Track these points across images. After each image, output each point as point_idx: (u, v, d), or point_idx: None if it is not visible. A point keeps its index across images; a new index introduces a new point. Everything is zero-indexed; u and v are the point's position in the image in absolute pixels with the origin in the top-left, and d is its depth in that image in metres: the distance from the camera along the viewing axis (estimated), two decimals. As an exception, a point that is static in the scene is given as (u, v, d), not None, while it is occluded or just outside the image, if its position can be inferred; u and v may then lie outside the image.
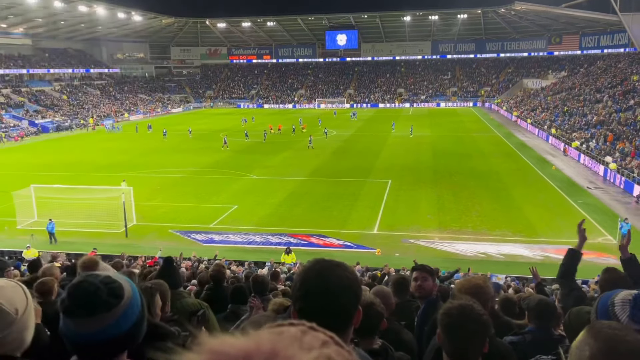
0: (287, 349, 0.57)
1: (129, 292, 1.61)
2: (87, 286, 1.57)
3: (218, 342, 0.58)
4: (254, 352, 0.56)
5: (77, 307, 1.53)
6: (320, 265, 1.55)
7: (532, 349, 3.12)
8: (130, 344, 1.63)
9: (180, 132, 58.09)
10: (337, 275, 1.49)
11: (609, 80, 60.11)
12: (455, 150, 44.27)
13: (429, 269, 4.12)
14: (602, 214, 25.89)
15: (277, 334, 0.60)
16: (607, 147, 38.62)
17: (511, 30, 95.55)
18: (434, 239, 22.91)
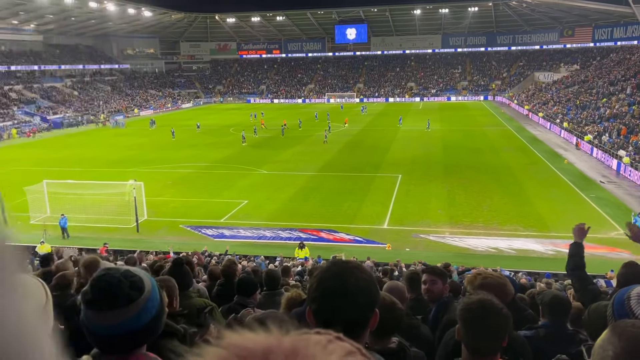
0: (309, 348, 0.57)
1: (149, 285, 1.63)
2: (109, 279, 1.59)
3: (239, 337, 0.58)
4: (274, 348, 0.56)
5: (100, 299, 1.56)
6: (338, 267, 1.54)
7: (546, 343, 3.10)
8: (150, 337, 1.66)
9: (190, 127, 58.31)
10: (355, 277, 1.48)
11: (622, 73, 59.32)
12: (465, 144, 44.01)
13: (439, 271, 4.09)
14: (615, 208, 25.63)
15: (300, 334, 0.60)
16: (620, 140, 38.17)
17: (522, 22, 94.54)
18: (445, 234, 22.83)
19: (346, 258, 17.99)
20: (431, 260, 16.75)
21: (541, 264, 18.85)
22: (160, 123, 63.02)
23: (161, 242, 21.99)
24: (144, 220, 24.97)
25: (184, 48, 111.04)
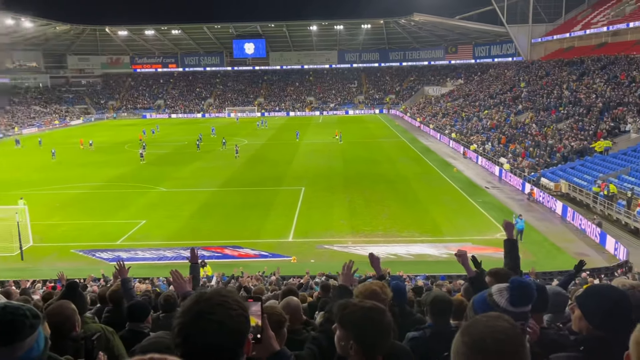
0: None
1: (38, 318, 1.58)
2: (12, 311, 1.51)
3: None
4: None
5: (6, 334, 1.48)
6: (199, 306, 1.44)
7: (432, 343, 3.30)
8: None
9: (80, 144, 54.76)
10: (220, 316, 1.42)
11: (500, 87, 64.98)
12: (364, 156, 45.62)
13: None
14: (499, 211, 27.86)
15: None
16: (501, 148, 41.67)
17: (412, 40, 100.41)
18: (348, 244, 23.42)
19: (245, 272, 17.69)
20: (335, 270, 17.10)
21: (436, 267, 19.97)
22: (46, 141, 58.52)
23: (50, 269, 20.34)
24: (29, 246, 22.99)
25: (71, 61, 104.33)
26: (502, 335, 1.39)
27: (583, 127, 37.83)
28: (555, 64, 61.67)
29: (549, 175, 32.36)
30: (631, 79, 43.01)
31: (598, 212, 26.16)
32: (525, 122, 45.94)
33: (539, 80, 58.46)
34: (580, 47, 64.90)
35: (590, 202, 27.40)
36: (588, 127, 37.38)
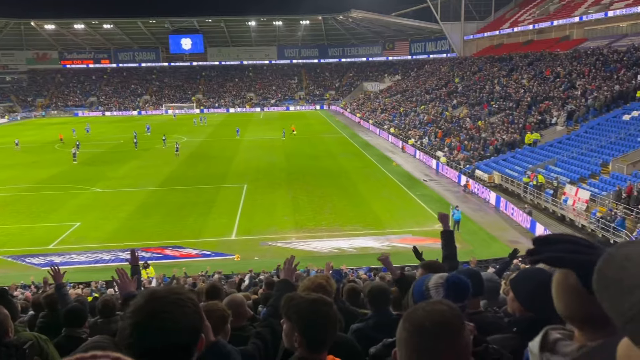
0: None
1: None
2: None
3: None
4: None
5: None
6: (153, 304, 1.41)
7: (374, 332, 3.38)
8: None
9: (5, 145, 51.67)
10: (175, 314, 1.39)
11: (435, 82, 66.98)
12: (306, 151, 45.77)
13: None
14: (437, 203, 28.78)
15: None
16: (437, 142, 43.00)
17: (350, 36, 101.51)
18: (291, 239, 23.47)
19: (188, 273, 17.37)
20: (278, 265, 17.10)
21: (379, 259, 20.38)
22: (-34, 142, 54.73)
23: (-25, 278, 19.10)
24: (-49, 255, 21.49)
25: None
26: (440, 318, 1.43)
27: (513, 120, 39.67)
28: (487, 60, 64.25)
29: (483, 167, 33.74)
30: (555, 74, 45.51)
31: (528, 201, 27.58)
32: (460, 117, 47.63)
33: (472, 76, 60.74)
34: (509, 44, 67.95)
35: (521, 192, 28.82)
36: (518, 120, 39.24)
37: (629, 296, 0.53)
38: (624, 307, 0.53)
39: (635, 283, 0.53)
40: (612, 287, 0.55)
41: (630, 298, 0.53)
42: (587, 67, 43.12)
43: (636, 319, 0.52)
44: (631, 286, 0.53)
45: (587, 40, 52.97)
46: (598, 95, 35.92)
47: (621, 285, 0.54)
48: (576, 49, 50.25)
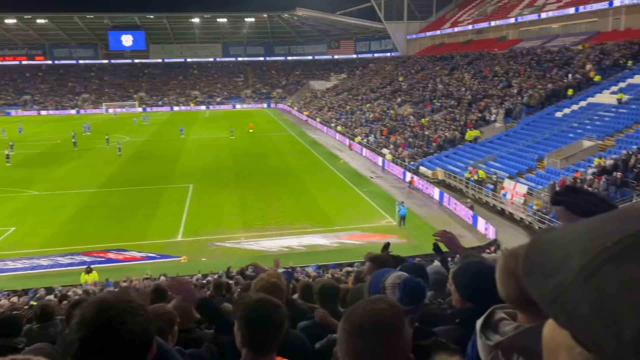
0: None
1: None
2: None
3: None
4: None
5: None
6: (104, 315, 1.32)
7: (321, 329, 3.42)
8: None
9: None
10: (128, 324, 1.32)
11: (380, 81, 68.10)
12: (253, 150, 45.43)
13: None
14: (383, 199, 29.31)
15: None
16: (383, 140, 43.77)
17: (295, 34, 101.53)
18: (240, 239, 23.27)
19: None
20: (226, 267, 16.91)
21: (328, 256, 20.57)
22: None
23: None
24: None
25: None
26: (380, 318, 1.43)
27: (455, 118, 40.95)
28: (429, 59, 65.96)
29: (427, 164, 34.65)
30: (494, 73, 47.33)
31: (470, 196, 28.56)
32: (404, 115, 48.67)
33: (415, 75, 62.18)
34: (450, 44, 70.02)
35: (463, 187, 29.82)
36: (459, 118, 40.55)
37: (550, 279, 0.55)
38: (546, 290, 0.55)
39: (556, 266, 0.55)
40: (536, 272, 0.57)
41: (552, 281, 0.55)
42: (522, 66, 45.09)
43: (558, 301, 0.53)
44: (553, 269, 0.55)
45: (522, 40, 55.38)
46: (533, 94, 37.66)
47: (543, 269, 0.56)
48: (512, 49, 52.43)
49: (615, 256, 0.51)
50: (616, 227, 0.54)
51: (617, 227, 0.53)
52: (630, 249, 0.51)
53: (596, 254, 0.52)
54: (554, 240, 0.58)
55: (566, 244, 0.56)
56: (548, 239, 0.59)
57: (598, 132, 28.63)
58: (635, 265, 0.50)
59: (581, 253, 0.53)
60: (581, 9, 45.34)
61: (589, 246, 0.53)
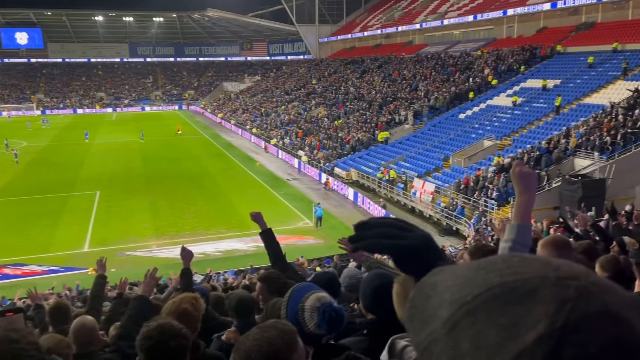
0: None
1: None
2: None
3: None
4: None
5: None
6: None
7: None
8: None
9: None
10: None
11: (294, 83, 68.53)
12: (165, 154, 43.95)
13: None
14: (300, 201, 29.54)
15: None
16: (298, 142, 44.09)
17: (207, 35, 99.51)
18: (152, 247, 22.45)
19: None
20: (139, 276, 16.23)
21: (245, 261, 20.38)
22: None
23: None
24: None
25: None
26: (268, 348, 1.40)
27: (367, 120, 42.16)
28: (341, 62, 67.37)
29: (341, 165, 35.38)
30: (402, 76, 49.29)
31: (382, 196, 29.54)
32: (319, 117, 49.35)
33: (328, 77, 63.22)
34: (360, 48, 71.96)
35: (376, 187, 30.78)
36: (371, 120, 41.79)
37: (426, 327, 0.53)
38: (421, 337, 0.53)
39: (431, 314, 0.53)
40: (416, 317, 0.55)
41: (426, 329, 0.52)
42: (428, 70, 47.36)
43: (427, 351, 0.51)
44: (429, 316, 0.53)
45: (428, 45, 58.17)
46: (438, 96, 39.67)
47: (422, 315, 0.54)
48: (418, 54, 54.91)
49: (472, 311, 0.49)
50: (482, 278, 0.52)
51: (482, 279, 0.51)
52: (486, 304, 0.49)
53: (458, 307, 0.50)
54: (437, 284, 0.56)
55: (444, 290, 0.54)
56: (433, 282, 0.57)
57: (497, 133, 30.74)
58: (487, 322, 0.48)
59: (449, 303, 0.51)
60: (479, 16, 48.44)
61: (456, 297, 0.51)
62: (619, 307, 0.49)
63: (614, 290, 0.52)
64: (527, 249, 1.60)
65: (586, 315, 0.48)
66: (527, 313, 0.48)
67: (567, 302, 0.48)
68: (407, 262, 1.11)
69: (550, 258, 0.54)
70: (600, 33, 37.94)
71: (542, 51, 39.24)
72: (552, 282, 0.50)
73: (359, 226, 1.13)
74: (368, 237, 1.11)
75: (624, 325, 0.48)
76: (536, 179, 1.61)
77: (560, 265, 0.53)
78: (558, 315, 0.47)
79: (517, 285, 0.50)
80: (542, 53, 39.19)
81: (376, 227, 1.13)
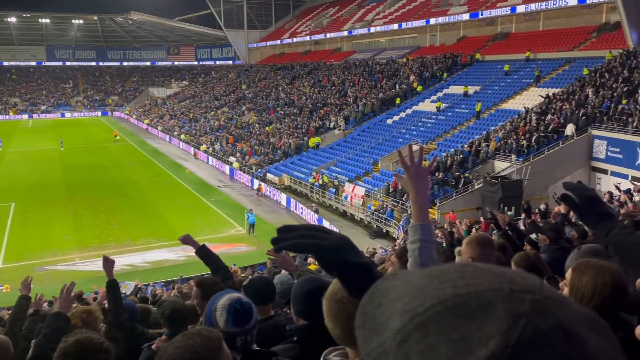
0: None
1: None
2: None
3: None
4: None
5: None
6: None
7: None
8: None
9: None
10: None
11: (224, 89, 67.67)
12: (88, 162, 41.91)
13: None
14: (232, 208, 29.16)
15: None
16: (229, 148, 43.54)
17: (131, 39, 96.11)
18: (75, 260, 21.34)
19: None
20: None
21: (175, 271, 19.82)
22: None
23: None
24: None
25: None
26: (192, 355, 1.37)
27: (298, 125, 42.37)
28: (271, 68, 67.32)
29: (273, 170, 35.32)
30: (332, 83, 50.01)
31: (315, 200, 29.79)
32: (250, 122, 49.01)
33: (258, 83, 62.97)
34: (290, 54, 72.27)
35: (308, 192, 30.98)
36: (302, 125, 42.04)
37: (376, 336, 0.51)
38: (371, 347, 0.51)
39: (382, 322, 0.51)
40: (367, 325, 0.53)
41: (376, 339, 0.51)
42: (356, 76, 48.36)
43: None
44: (380, 325, 0.51)
45: (356, 52, 59.43)
46: (367, 102, 40.60)
47: (373, 324, 0.52)
48: (346, 60, 55.96)
49: (424, 324, 0.48)
50: (435, 288, 0.50)
51: (435, 289, 0.50)
52: (438, 317, 0.48)
53: (409, 318, 0.49)
54: (389, 290, 0.54)
55: (396, 298, 0.52)
56: (385, 288, 0.55)
57: (422, 137, 31.90)
58: (439, 337, 0.46)
59: (400, 314, 0.50)
60: (404, 25, 50.15)
61: (408, 307, 0.50)
62: (572, 321, 0.49)
63: (566, 304, 0.51)
64: (433, 246, 1.71)
65: (540, 332, 0.47)
66: (480, 328, 0.46)
67: (521, 317, 0.47)
68: (327, 261, 1.23)
69: (503, 268, 0.53)
70: (514, 43, 40.44)
71: (463, 59, 41.21)
72: (506, 295, 0.49)
73: (282, 229, 1.22)
74: (290, 238, 1.19)
75: (576, 341, 0.47)
76: (429, 178, 1.71)
77: (513, 277, 0.52)
78: (511, 333, 0.46)
79: (470, 298, 0.48)
80: (462, 61, 41.15)
81: (298, 230, 1.22)
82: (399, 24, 50.77)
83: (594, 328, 0.50)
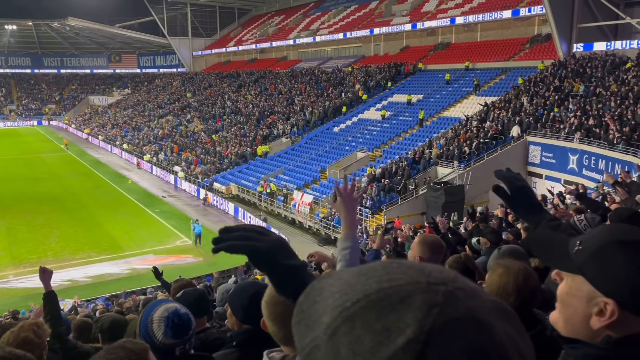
0: None
1: None
2: None
3: None
4: None
5: None
6: None
7: None
8: None
9: None
10: None
11: (168, 97, 66.28)
12: (22, 174, 39.89)
13: None
14: (177, 218, 28.53)
15: None
16: (174, 157, 42.63)
17: (69, 46, 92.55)
18: (9, 277, 20.24)
19: None
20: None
21: (118, 285, 19.16)
22: None
23: None
24: None
25: None
26: None
27: (245, 133, 42.06)
28: (217, 76, 66.59)
29: (220, 179, 34.87)
30: (278, 91, 50.02)
31: (263, 209, 29.61)
32: (195, 131, 48.20)
33: (203, 91, 62.09)
34: (235, 62, 71.76)
35: (257, 200, 30.77)
36: (249, 133, 41.76)
37: (310, 332, 0.54)
38: (305, 342, 0.54)
39: (316, 319, 0.54)
40: (302, 322, 0.56)
41: (310, 334, 0.53)
42: (303, 85, 48.61)
43: (312, 355, 0.52)
44: (314, 322, 0.54)
45: (302, 61, 59.74)
46: (314, 110, 40.87)
47: (308, 320, 0.55)
48: (293, 69, 56.16)
49: (351, 317, 0.51)
50: (362, 284, 0.53)
51: (362, 285, 0.53)
52: (363, 310, 0.51)
53: (338, 313, 0.52)
54: (324, 289, 0.56)
55: (328, 295, 0.55)
56: (320, 287, 0.57)
57: (368, 145, 32.42)
58: (364, 328, 0.50)
59: (331, 309, 0.53)
60: (348, 34, 50.93)
61: (338, 303, 0.53)
62: (481, 310, 0.53)
63: (478, 295, 0.55)
64: (359, 250, 1.98)
65: (451, 320, 0.51)
66: (400, 319, 0.50)
67: (434, 306, 0.51)
68: (259, 262, 1.26)
69: (425, 264, 0.58)
70: (454, 53, 41.89)
71: (406, 68, 42.27)
72: (423, 288, 0.53)
73: (223, 230, 1.26)
74: (229, 239, 1.22)
75: (484, 327, 0.52)
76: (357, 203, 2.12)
77: (432, 271, 0.56)
78: (426, 320, 0.50)
79: (392, 292, 0.52)
80: (406, 70, 42.21)
81: (237, 230, 1.26)
82: (344, 34, 51.51)
83: (501, 316, 0.54)
